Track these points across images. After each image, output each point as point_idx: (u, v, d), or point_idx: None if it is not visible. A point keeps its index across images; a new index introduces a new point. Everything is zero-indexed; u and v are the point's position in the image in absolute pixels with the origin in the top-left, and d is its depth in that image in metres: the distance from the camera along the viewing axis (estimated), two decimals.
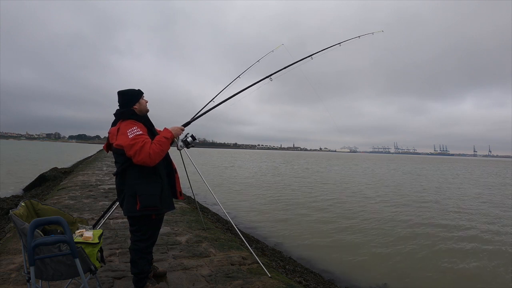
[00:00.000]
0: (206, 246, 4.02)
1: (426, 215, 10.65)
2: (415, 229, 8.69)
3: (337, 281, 5.05)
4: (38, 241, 1.74)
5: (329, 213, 10.50)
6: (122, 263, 3.29)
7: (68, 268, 1.91)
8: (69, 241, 1.81)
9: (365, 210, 11.18)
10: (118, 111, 2.57)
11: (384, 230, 8.44)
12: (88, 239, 2.09)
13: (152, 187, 2.46)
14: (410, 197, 14.73)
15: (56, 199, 6.61)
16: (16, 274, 2.90)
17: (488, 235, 8.40)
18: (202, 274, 3.15)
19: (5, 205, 7.03)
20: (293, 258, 5.77)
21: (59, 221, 1.84)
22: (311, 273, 4.98)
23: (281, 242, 6.98)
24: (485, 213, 11.48)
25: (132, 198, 2.43)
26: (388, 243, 7.33)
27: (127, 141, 2.34)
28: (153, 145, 2.38)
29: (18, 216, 1.98)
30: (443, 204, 13.09)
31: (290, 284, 3.17)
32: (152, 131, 2.61)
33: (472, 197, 15.62)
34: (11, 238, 3.99)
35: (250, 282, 3.03)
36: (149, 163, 2.35)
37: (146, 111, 2.64)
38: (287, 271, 4.33)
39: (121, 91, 2.57)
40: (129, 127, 2.41)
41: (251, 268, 3.41)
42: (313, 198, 13.54)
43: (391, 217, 10.13)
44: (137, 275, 2.55)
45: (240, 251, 3.96)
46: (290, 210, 10.68)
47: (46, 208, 2.32)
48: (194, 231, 4.67)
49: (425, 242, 7.46)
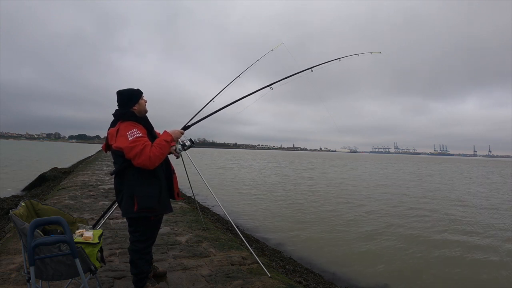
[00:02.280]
0: (206, 246, 4.02)
1: (427, 215, 10.65)
2: (416, 229, 8.68)
3: (337, 281, 5.05)
4: (38, 241, 1.74)
5: (329, 213, 10.49)
6: (122, 263, 3.30)
7: (68, 268, 1.91)
8: (69, 241, 1.81)
9: (366, 210, 11.18)
10: (117, 111, 2.55)
11: (385, 230, 8.43)
12: (88, 239, 2.09)
13: (151, 189, 2.45)
14: (412, 197, 14.73)
15: (56, 199, 6.61)
16: (16, 274, 2.90)
17: (491, 235, 8.40)
18: (202, 274, 3.15)
19: (5, 205, 7.03)
20: (293, 258, 5.77)
21: (59, 221, 1.85)
22: (311, 273, 4.98)
23: (281, 242, 6.97)
24: (493, 213, 11.48)
25: (130, 199, 2.42)
26: (389, 243, 7.33)
27: (126, 143, 2.32)
28: (153, 148, 2.36)
29: (18, 216, 1.97)
30: (448, 203, 13.09)
31: (290, 284, 3.17)
32: (151, 133, 2.59)
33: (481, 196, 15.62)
34: (11, 238, 3.99)
35: (250, 282, 3.03)
36: (149, 166, 2.33)
37: (145, 111, 2.62)
38: (287, 271, 4.33)
39: (120, 91, 2.55)
40: (128, 129, 2.39)
41: (251, 268, 3.41)
42: (313, 198, 13.54)
43: (391, 217, 10.13)
44: (137, 275, 2.55)
45: (240, 251, 3.96)
46: (291, 210, 10.67)
47: (46, 208, 2.31)
48: (194, 231, 4.67)
49: (426, 243, 7.45)
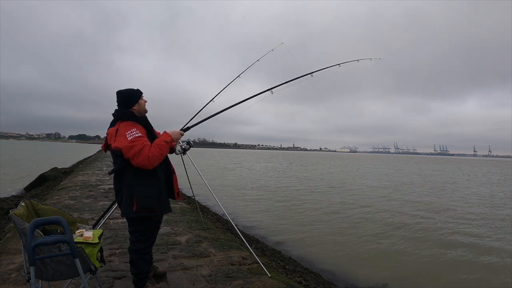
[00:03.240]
0: (206, 246, 4.02)
1: (428, 215, 10.65)
2: (416, 229, 8.68)
3: (337, 281, 5.05)
4: (38, 241, 1.74)
5: (330, 213, 10.49)
6: (122, 263, 3.29)
7: (68, 268, 1.91)
8: (69, 241, 1.81)
9: (366, 210, 11.17)
10: (117, 111, 2.55)
11: (385, 230, 8.43)
12: (88, 239, 2.09)
13: (150, 189, 2.44)
14: (412, 197, 14.73)
15: (56, 199, 6.61)
16: (16, 274, 2.90)
17: (493, 235, 8.40)
18: (202, 274, 3.15)
19: (5, 205, 7.02)
20: (293, 258, 5.77)
21: (59, 221, 1.85)
22: (311, 273, 4.98)
23: (281, 242, 6.98)
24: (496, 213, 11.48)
25: (129, 199, 2.42)
26: (389, 243, 7.33)
27: (125, 143, 2.31)
28: (152, 148, 2.36)
29: (18, 216, 1.97)
30: (450, 204, 13.09)
31: (290, 284, 3.17)
32: (151, 132, 2.59)
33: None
34: (11, 238, 3.99)
35: (250, 282, 3.03)
36: (147, 166, 2.33)
37: (145, 111, 2.62)
38: (287, 271, 4.33)
39: (120, 91, 2.55)
40: (128, 129, 2.39)
41: (251, 268, 3.41)
42: (313, 198, 13.54)
43: (392, 217, 10.13)
44: (137, 275, 2.55)
45: (240, 251, 3.96)
46: (291, 211, 10.67)
47: (46, 208, 2.31)
48: (194, 231, 4.67)
49: (426, 243, 7.45)
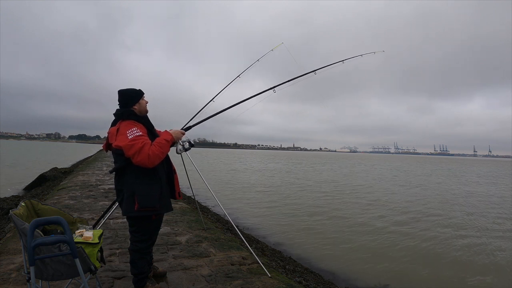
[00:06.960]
0: (206, 246, 4.02)
1: (429, 215, 10.65)
2: (416, 229, 8.68)
3: (337, 281, 5.05)
4: (38, 241, 1.74)
5: (330, 213, 10.49)
6: (122, 263, 3.29)
7: (68, 268, 1.91)
8: (69, 241, 1.81)
9: (367, 210, 11.18)
10: (118, 111, 2.55)
11: (385, 230, 8.43)
12: (88, 239, 2.09)
13: (151, 188, 2.45)
14: (413, 197, 14.73)
15: (56, 199, 6.61)
16: (16, 274, 2.90)
17: (494, 235, 8.40)
18: (202, 274, 3.15)
19: (5, 205, 7.03)
20: (293, 258, 5.77)
21: (59, 221, 1.84)
22: (311, 273, 4.98)
23: (281, 242, 6.98)
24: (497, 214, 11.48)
25: (130, 198, 2.42)
26: (389, 243, 7.33)
27: (126, 142, 2.31)
28: (152, 147, 2.36)
29: (18, 216, 1.97)
30: (451, 204, 13.09)
31: (290, 284, 3.17)
32: (152, 132, 2.59)
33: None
34: (11, 238, 3.99)
35: (250, 282, 3.03)
36: (147, 165, 2.33)
37: (145, 111, 2.62)
38: (287, 271, 4.33)
39: (122, 90, 2.55)
40: (128, 128, 2.39)
41: (251, 268, 3.41)
42: (313, 198, 13.54)
43: (391, 217, 10.13)
44: (137, 275, 2.55)
45: (240, 251, 3.96)
46: (291, 210, 10.67)
47: (46, 208, 2.31)
48: (194, 231, 4.67)
49: (427, 243, 7.45)
